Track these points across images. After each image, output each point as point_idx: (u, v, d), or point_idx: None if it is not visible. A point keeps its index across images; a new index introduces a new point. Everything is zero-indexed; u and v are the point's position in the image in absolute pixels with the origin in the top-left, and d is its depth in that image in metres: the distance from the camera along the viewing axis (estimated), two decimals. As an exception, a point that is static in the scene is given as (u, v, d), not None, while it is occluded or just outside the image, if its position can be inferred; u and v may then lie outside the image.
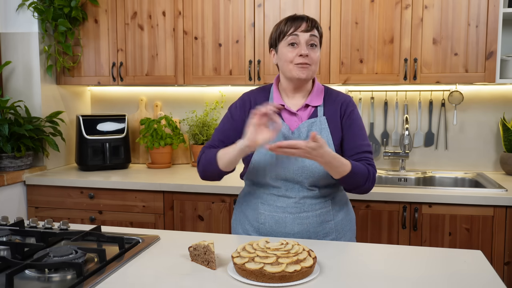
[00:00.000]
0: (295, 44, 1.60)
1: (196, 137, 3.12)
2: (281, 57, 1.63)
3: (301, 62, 1.59)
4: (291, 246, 1.32)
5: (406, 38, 2.61)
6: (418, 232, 2.36)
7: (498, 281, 1.24)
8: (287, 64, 1.61)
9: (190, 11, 2.86)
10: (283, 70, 1.65)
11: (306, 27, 1.59)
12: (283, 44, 1.62)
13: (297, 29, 1.59)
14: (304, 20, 1.61)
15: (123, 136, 3.09)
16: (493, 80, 2.53)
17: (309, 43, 1.60)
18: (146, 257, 1.43)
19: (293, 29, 1.59)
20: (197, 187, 2.56)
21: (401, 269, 1.34)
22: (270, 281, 1.20)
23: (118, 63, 2.99)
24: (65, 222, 1.64)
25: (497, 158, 2.88)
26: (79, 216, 2.75)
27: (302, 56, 1.58)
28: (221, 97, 3.21)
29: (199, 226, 2.62)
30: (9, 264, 1.29)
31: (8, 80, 2.98)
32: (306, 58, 1.58)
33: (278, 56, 1.65)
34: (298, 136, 1.62)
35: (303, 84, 1.66)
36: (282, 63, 1.64)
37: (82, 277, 1.22)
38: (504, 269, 2.29)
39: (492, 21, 2.51)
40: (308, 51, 1.59)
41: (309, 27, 1.59)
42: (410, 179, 2.84)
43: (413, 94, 2.95)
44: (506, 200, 2.24)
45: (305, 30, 1.59)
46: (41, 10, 2.88)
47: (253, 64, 2.79)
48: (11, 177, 2.71)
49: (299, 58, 1.59)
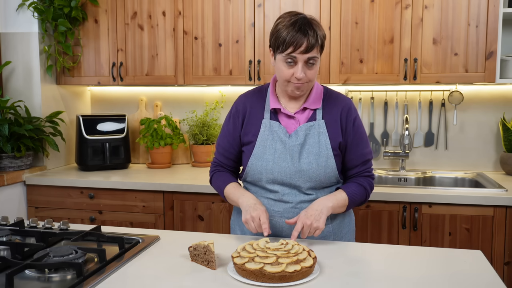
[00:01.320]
0: (292, 63, 1.52)
1: (196, 137, 3.12)
2: (277, 68, 1.58)
3: (296, 83, 1.55)
4: (291, 246, 1.32)
5: (406, 38, 2.61)
6: (418, 232, 2.36)
7: (498, 281, 1.24)
8: (282, 78, 1.57)
9: (190, 11, 2.86)
10: (278, 81, 1.62)
11: (306, 47, 1.49)
12: (279, 58, 1.54)
13: (296, 50, 1.49)
14: (306, 38, 1.48)
15: (123, 136, 3.09)
16: (493, 80, 2.53)
17: (307, 61, 1.53)
18: (146, 257, 1.43)
19: (291, 49, 1.49)
20: (197, 187, 2.56)
21: (401, 269, 1.34)
22: (270, 281, 1.20)
23: (118, 63, 2.99)
24: (65, 222, 1.64)
25: (497, 158, 2.88)
26: (79, 216, 2.75)
27: (297, 78, 1.53)
28: (221, 97, 3.21)
29: (199, 226, 2.62)
30: (9, 264, 1.29)
31: (8, 80, 2.98)
32: (302, 79, 1.54)
33: (276, 64, 1.59)
34: (295, 139, 1.60)
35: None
36: (278, 74, 1.59)
37: (82, 277, 1.22)
38: (504, 269, 2.29)
39: (492, 21, 2.51)
40: (305, 71, 1.53)
41: (309, 47, 1.49)
42: (410, 179, 2.84)
43: (413, 94, 2.95)
44: (506, 200, 2.24)
45: (304, 51, 1.49)
46: (41, 10, 2.88)
47: (253, 64, 2.79)
48: (11, 177, 2.71)
49: (294, 79, 1.54)
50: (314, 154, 1.59)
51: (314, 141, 1.60)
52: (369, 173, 1.68)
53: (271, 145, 1.61)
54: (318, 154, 1.59)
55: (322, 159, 1.59)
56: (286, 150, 1.60)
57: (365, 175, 1.67)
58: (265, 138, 1.62)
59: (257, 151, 1.62)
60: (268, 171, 1.61)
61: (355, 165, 1.66)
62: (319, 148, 1.59)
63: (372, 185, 1.68)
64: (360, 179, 1.66)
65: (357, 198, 1.62)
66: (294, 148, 1.59)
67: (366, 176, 1.67)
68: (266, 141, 1.62)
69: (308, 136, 1.60)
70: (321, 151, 1.59)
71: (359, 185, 1.64)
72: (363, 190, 1.64)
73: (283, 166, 1.59)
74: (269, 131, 1.62)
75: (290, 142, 1.60)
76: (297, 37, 1.49)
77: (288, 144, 1.60)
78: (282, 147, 1.60)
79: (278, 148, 1.60)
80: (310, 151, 1.59)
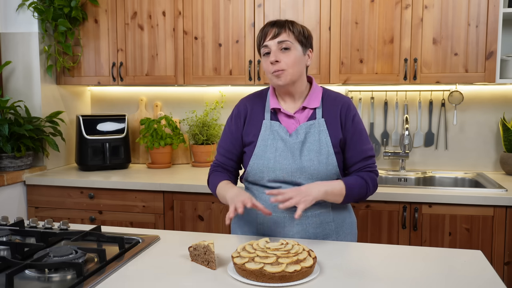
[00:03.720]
0: (268, 54, 1.60)
1: (196, 137, 3.12)
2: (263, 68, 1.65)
3: (273, 70, 1.58)
4: (291, 246, 1.32)
5: (406, 38, 2.61)
6: (418, 232, 2.36)
7: (498, 281, 1.24)
8: (266, 74, 1.63)
9: (190, 11, 2.87)
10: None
11: (273, 33, 1.57)
12: (262, 56, 1.64)
13: (266, 39, 1.59)
14: (273, 26, 1.59)
15: (123, 136, 3.09)
16: (493, 80, 2.53)
17: (280, 48, 1.58)
18: (146, 257, 1.43)
19: (263, 39, 1.60)
20: (197, 187, 2.56)
21: (401, 269, 1.34)
22: (270, 281, 1.20)
23: (118, 63, 2.99)
24: (65, 222, 1.65)
25: (497, 158, 2.88)
26: (79, 216, 2.75)
27: (272, 64, 1.58)
28: (221, 97, 3.21)
29: (199, 226, 2.62)
30: (9, 264, 1.29)
31: (8, 80, 2.98)
32: (277, 64, 1.57)
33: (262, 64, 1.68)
34: (296, 138, 1.61)
35: (290, 89, 1.65)
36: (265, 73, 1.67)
37: (82, 277, 1.22)
38: (504, 269, 2.29)
39: (492, 21, 2.51)
40: (278, 56, 1.57)
41: (276, 33, 1.57)
42: (410, 179, 2.84)
43: (413, 94, 2.95)
44: (506, 200, 2.24)
45: (272, 37, 1.57)
46: (41, 10, 2.88)
47: (253, 64, 2.79)
48: (11, 177, 2.71)
49: (272, 66, 1.58)
50: (315, 152, 1.59)
51: (315, 139, 1.60)
52: (372, 168, 1.65)
53: (272, 144, 1.62)
54: (319, 151, 1.59)
55: (323, 156, 1.59)
56: (287, 148, 1.61)
57: (367, 170, 1.65)
58: (266, 137, 1.64)
59: (258, 150, 1.63)
60: (270, 169, 1.61)
61: (356, 161, 1.65)
62: (320, 146, 1.60)
63: (375, 181, 1.65)
64: (361, 173, 1.64)
65: (356, 190, 1.59)
66: (295, 146, 1.60)
67: (368, 171, 1.65)
68: (267, 140, 1.63)
69: (309, 134, 1.61)
70: (322, 148, 1.60)
71: (359, 177, 1.62)
72: (363, 183, 1.61)
73: (284, 164, 1.60)
74: (269, 131, 1.64)
75: (291, 141, 1.61)
76: (267, 28, 1.60)
77: (289, 142, 1.61)
78: (283, 146, 1.61)
79: (279, 146, 1.61)
80: (311, 149, 1.60)
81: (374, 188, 1.65)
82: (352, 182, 1.60)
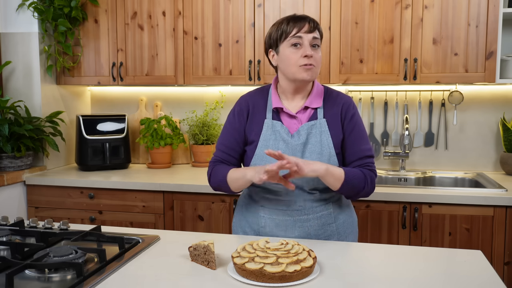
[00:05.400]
0: (298, 45, 1.57)
1: (196, 137, 3.12)
2: (283, 58, 1.60)
3: (306, 63, 1.56)
4: (291, 246, 1.32)
5: (406, 38, 2.61)
6: (418, 232, 2.36)
7: (498, 281, 1.24)
8: (290, 66, 1.59)
9: (190, 11, 2.87)
10: (285, 72, 1.62)
11: (309, 28, 1.57)
12: (285, 45, 1.59)
13: (300, 30, 1.57)
14: (306, 20, 1.59)
15: (123, 136, 3.09)
16: (493, 80, 2.53)
17: (312, 44, 1.58)
18: (146, 257, 1.43)
19: (296, 30, 1.57)
20: (197, 187, 2.56)
21: (401, 269, 1.34)
22: (270, 281, 1.20)
23: (118, 63, 2.99)
24: (65, 222, 1.64)
25: (497, 158, 2.88)
26: (79, 216, 2.75)
27: (307, 57, 1.56)
28: (221, 97, 3.21)
29: (199, 226, 2.62)
30: (9, 264, 1.29)
31: (8, 80, 2.98)
32: (311, 59, 1.57)
33: (279, 57, 1.62)
34: (297, 139, 1.61)
35: (304, 86, 1.64)
36: (285, 65, 1.61)
37: (82, 277, 1.22)
38: (504, 269, 2.29)
39: (492, 21, 2.51)
40: (312, 52, 1.57)
41: (312, 28, 1.58)
42: (410, 179, 2.84)
43: (413, 94, 2.95)
44: (506, 200, 2.24)
45: (308, 31, 1.57)
46: (41, 10, 2.88)
47: (253, 64, 2.79)
48: (11, 177, 2.71)
49: (304, 59, 1.56)
50: (317, 153, 1.59)
51: (316, 140, 1.60)
52: (370, 167, 1.63)
53: (274, 145, 1.62)
54: (320, 153, 1.59)
55: (325, 158, 1.59)
56: (289, 150, 1.60)
57: (366, 168, 1.62)
58: (267, 138, 1.63)
59: (260, 151, 1.63)
60: None
61: (353, 160, 1.63)
62: (322, 147, 1.60)
63: (373, 178, 1.62)
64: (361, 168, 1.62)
65: (354, 180, 1.56)
66: (297, 147, 1.60)
67: (367, 169, 1.62)
68: (268, 141, 1.62)
69: (310, 135, 1.60)
70: (324, 150, 1.59)
71: (359, 170, 1.60)
72: (362, 176, 1.58)
73: None
74: (271, 131, 1.63)
75: (292, 142, 1.61)
76: (299, 20, 1.59)
77: (290, 143, 1.60)
78: (285, 147, 1.60)
79: (281, 147, 1.61)
80: (312, 150, 1.59)
81: (371, 186, 1.61)
82: (352, 172, 1.58)
